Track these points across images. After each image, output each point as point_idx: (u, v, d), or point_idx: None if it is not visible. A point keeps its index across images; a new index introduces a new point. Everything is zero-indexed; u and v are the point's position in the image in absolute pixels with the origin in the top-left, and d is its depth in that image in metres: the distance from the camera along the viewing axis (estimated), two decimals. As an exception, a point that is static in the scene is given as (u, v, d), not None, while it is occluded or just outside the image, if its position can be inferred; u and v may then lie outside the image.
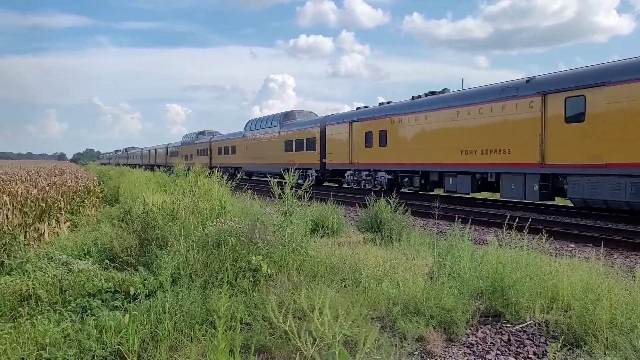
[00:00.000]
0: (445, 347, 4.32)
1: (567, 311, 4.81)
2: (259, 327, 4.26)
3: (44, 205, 8.60)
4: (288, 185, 6.96)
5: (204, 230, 6.62)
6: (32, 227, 7.72)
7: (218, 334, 3.11)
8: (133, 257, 6.41)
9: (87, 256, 6.59)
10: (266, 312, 4.31)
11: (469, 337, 4.53)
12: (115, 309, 4.66)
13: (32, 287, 4.91)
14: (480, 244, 9.09)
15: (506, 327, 4.75)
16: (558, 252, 8.65)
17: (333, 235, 9.34)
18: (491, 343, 4.43)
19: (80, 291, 5.01)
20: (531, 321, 4.81)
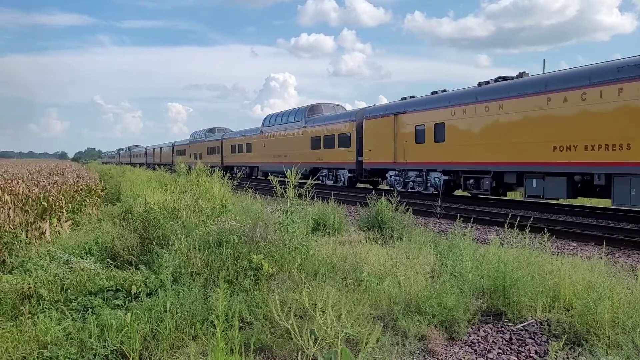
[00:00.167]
0: (446, 346, 4.32)
1: (568, 310, 4.81)
2: (260, 326, 4.26)
3: (45, 204, 8.60)
4: (290, 184, 6.95)
5: (205, 229, 6.62)
6: (34, 226, 7.72)
7: (217, 333, 3.11)
8: (134, 255, 6.42)
9: (88, 255, 6.59)
10: (267, 311, 4.32)
11: (470, 336, 4.53)
12: (116, 307, 4.67)
13: (34, 286, 4.92)
14: (482, 242, 9.08)
15: (508, 326, 4.74)
16: (560, 250, 8.64)
17: (334, 234, 9.33)
18: (493, 342, 4.43)
19: (82, 290, 5.02)
20: (533, 320, 4.80)
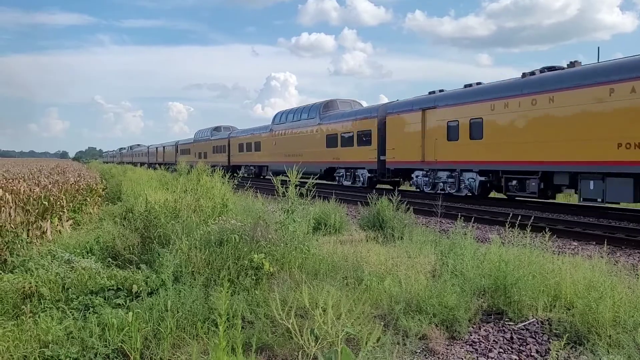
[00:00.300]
0: (447, 345, 4.32)
1: (569, 309, 4.80)
2: (261, 325, 4.27)
3: (46, 204, 8.61)
4: (292, 183, 6.95)
5: (206, 228, 6.62)
6: (35, 225, 7.73)
7: (219, 332, 3.11)
8: (135, 255, 6.42)
9: (89, 254, 6.60)
10: (268, 310, 4.31)
11: (471, 335, 4.52)
12: (117, 306, 4.67)
13: (35, 285, 4.92)
14: (483, 242, 9.07)
15: (509, 325, 4.74)
16: (561, 250, 8.63)
17: (335, 233, 9.34)
18: (494, 341, 4.43)
19: (83, 289, 5.03)
20: (534, 319, 4.80)
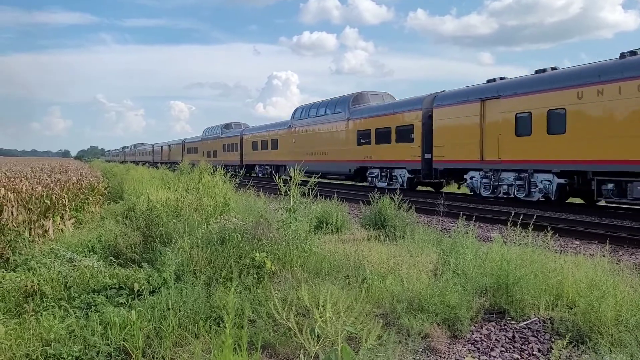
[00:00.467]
0: (449, 344, 4.32)
1: (572, 308, 4.79)
2: (262, 324, 4.27)
3: (48, 202, 8.62)
4: (293, 182, 6.95)
5: (207, 227, 6.63)
6: (37, 224, 7.74)
7: (226, 329, 3.10)
8: (137, 253, 6.43)
9: (91, 253, 6.61)
10: (270, 309, 4.32)
11: (473, 334, 4.52)
12: (119, 305, 4.68)
13: (37, 284, 4.94)
14: (485, 240, 9.06)
15: (511, 324, 4.73)
16: (563, 249, 8.61)
17: (337, 232, 9.33)
18: (495, 340, 4.42)
19: (85, 287, 5.04)
20: (536, 318, 4.79)
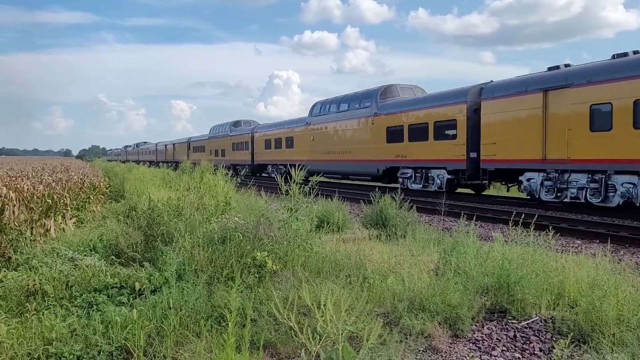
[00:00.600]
0: (450, 343, 4.31)
1: (573, 307, 4.79)
2: (264, 323, 4.27)
3: (50, 202, 8.63)
4: (295, 181, 6.95)
5: (209, 226, 6.63)
6: (39, 223, 7.75)
7: (228, 328, 3.10)
8: (138, 253, 6.44)
9: (93, 252, 6.62)
10: (271, 308, 4.32)
11: (474, 334, 4.52)
12: (121, 304, 4.69)
13: (39, 283, 4.94)
14: (486, 240, 9.05)
15: (512, 323, 4.73)
16: (564, 248, 8.60)
17: (338, 231, 9.32)
18: (497, 339, 4.42)
19: (87, 287, 5.04)
20: (537, 317, 4.79)
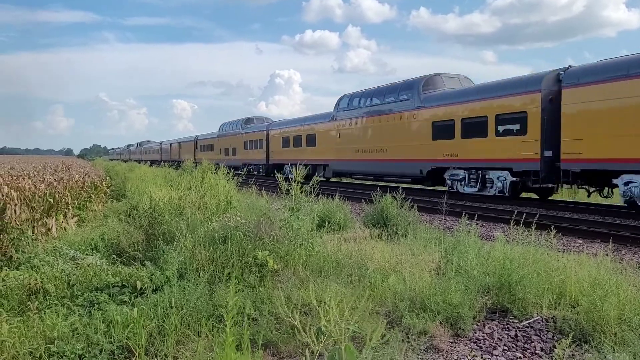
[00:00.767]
0: (451, 343, 4.31)
1: (574, 307, 4.79)
2: (265, 322, 4.27)
3: (51, 201, 8.63)
4: (296, 181, 6.95)
5: (210, 225, 6.63)
6: (40, 222, 7.76)
7: (226, 328, 3.11)
8: (140, 252, 6.44)
9: (94, 251, 6.63)
10: (272, 307, 4.32)
11: (475, 333, 4.52)
12: (122, 303, 4.70)
13: (41, 282, 4.95)
14: (487, 239, 9.05)
15: (513, 322, 4.73)
16: (566, 247, 8.60)
17: (339, 230, 9.32)
18: (498, 339, 4.42)
19: (88, 285, 5.05)
20: (538, 317, 4.79)
